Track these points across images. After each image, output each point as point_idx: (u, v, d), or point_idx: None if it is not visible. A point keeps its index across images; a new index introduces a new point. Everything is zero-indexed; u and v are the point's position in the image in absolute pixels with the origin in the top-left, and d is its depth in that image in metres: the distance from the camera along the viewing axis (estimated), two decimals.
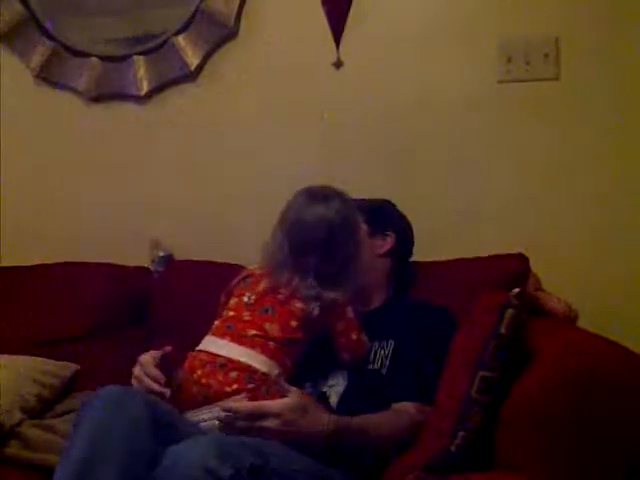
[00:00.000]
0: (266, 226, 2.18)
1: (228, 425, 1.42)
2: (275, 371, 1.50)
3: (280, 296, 1.59)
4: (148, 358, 1.56)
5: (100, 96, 2.31)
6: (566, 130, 2.03)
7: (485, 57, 2.06)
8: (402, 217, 1.87)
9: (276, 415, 1.40)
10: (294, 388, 1.47)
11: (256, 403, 1.42)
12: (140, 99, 2.28)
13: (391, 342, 1.63)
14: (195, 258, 2.18)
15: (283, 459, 1.34)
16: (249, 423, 1.41)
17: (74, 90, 2.32)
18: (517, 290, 1.44)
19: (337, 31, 2.10)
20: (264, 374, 1.50)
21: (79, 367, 1.97)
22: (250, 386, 1.48)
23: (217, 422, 1.44)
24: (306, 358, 1.59)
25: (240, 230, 2.21)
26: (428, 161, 2.10)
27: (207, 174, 2.26)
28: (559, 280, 1.91)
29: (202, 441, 1.29)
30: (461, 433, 1.37)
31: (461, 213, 2.08)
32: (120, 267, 2.17)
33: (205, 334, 1.95)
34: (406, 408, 1.52)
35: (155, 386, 1.51)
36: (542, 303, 1.78)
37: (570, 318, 1.77)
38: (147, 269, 2.20)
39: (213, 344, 1.59)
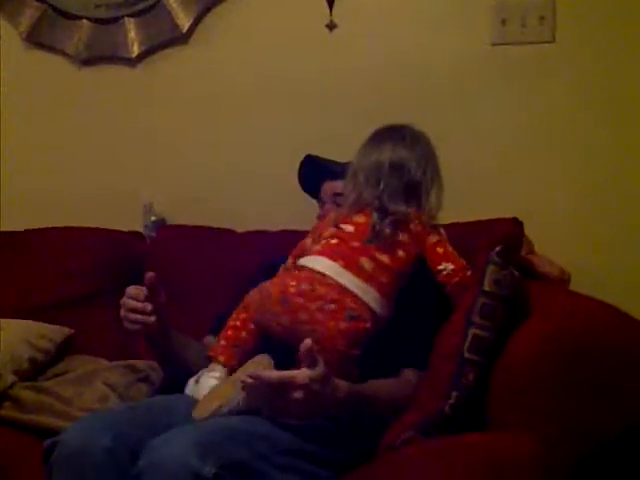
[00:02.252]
0: (259, 191, 2.19)
1: (252, 392, 1.36)
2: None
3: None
4: (132, 289, 1.53)
5: (90, 59, 2.28)
6: (561, 93, 2.01)
7: (479, 19, 2.04)
8: None
9: (302, 386, 1.33)
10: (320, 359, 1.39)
11: (282, 374, 1.33)
12: (131, 62, 2.25)
13: None
14: (188, 223, 2.17)
15: (271, 444, 1.31)
16: (274, 393, 1.34)
17: (64, 53, 2.29)
18: (498, 247, 1.44)
19: None
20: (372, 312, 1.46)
21: (72, 331, 1.97)
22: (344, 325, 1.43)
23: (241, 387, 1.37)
24: None
25: (233, 195, 2.20)
26: (422, 124, 2.06)
27: (200, 137, 2.25)
28: (552, 244, 1.91)
29: (182, 435, 1.25)
30: (455, 393, 1.37)
31: (454, 178, 2.06)
32: (113, 232, 2.16)
33: (197, 302, 1.97)
34: (408, 377, 1.52)
35: (137, 304, 1.49)
36: (535, 266, 1.79)
37: (563, 281, 1.78)
38: (140, 234, 2.19)
39: (325, 266, 1.50)
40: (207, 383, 1.47)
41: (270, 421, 1.36)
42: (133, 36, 2.23)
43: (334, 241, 1.54)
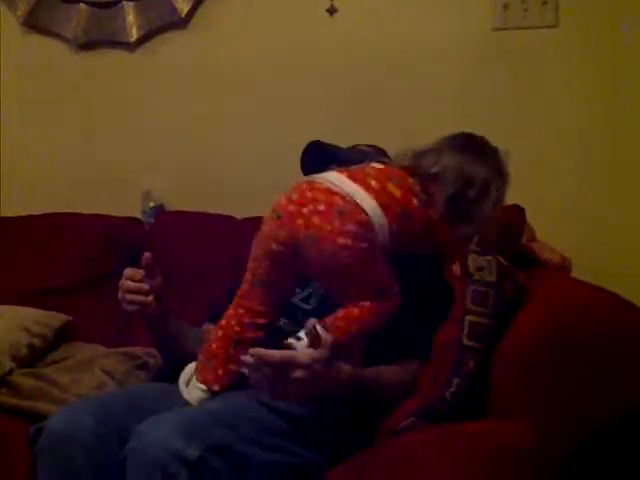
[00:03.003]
0: (259, 176, 2.18)
1: (255, 371, 1.32)
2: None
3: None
4: (129, 270, 1.53)
5: (89, 43, 2.27)
6: (565, 79, 2.00)
7: (480, 3, 2.02)
8: None
9: (305, 367, 1.31)
10: (329, 337, 1.37)
11: (286, 353, 1.31)
12: (130, 46, 2.24)
13: None
14: (186, 209, 2.16)
15: (259, 426, 1.30)
16: (276, 372, 1.31)
17: (62, 37, 2.28)
18: (475, 238, 1.45)
19: None
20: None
21: (70, 317, 1.97)
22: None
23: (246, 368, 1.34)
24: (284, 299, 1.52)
25: (231, 181, 2.19)
26: (423, 110, 2.07)
27: (199, 124, 2.23)
28: (553, 231, 1.90)
29: (168, 420, 1.24)
30: (456, 380, 1.37)
31: None
32: (111, 218, 2.16)
33: (195, 289, 1.95)
34: (411, 366, 1.51)
35: (134, 284, 1.49)
36: (536, 254, 1.78)
37: (564, 268, 1.77)
38: (138, 220, 2.19)
39: (320, 176, 1.44)
40: (196, 394, 1.44)
41: (268, 403, 1.35)
42: (132, 20, 2.22)
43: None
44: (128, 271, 1.52)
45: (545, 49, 2.00)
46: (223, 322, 1.47)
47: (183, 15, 2.18)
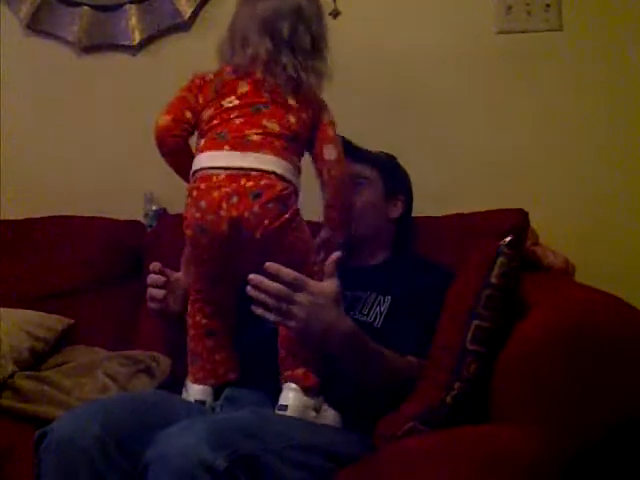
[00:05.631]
0: None
1: (260, 285, 1.35)
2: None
3: (267, 94, 1.44)
4: (152, 264, 1.55)
5: (91, 46, 2.26)
6: (568, 82, 1.99)
7: (484, 7, 2.02)
8: (408, 177, 1.84)
9: (311, 293, 1.35)
10: (335, 278, 1.41)
11: (299, 275, 1.35)
12: (132, 49, 2.23)
13: (388, 298, 1.61)
14: None
15: (284, 439, 1.29)
16: (284, 289, 1.34)
17: (64, 40, 2.27)
18: (508, 238, 1.42)
19: None
20: (291, 183, 1.40)
21: (73, 321, 1.96)
22: (286, 217, 1.38)
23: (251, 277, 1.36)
24: None
25: None
26: (425, 113, 2.07)
27: None
28: (556, 235, 1.90)
29: (195, 428, 1.22)
30: (457, 384, 1.37)
31: (459, 167, 2.06)
32: (113, 221, 2.15)
33: None
34: (410, 359, 1.51)
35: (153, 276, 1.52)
36: (539, 257, 1.78)
37: (567, 272, 1.77)
38: (140, 223, 2.18)
39: (213, 159, 1.41)
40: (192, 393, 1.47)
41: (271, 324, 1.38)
42: (134, 23, 2.21)
43: (216, 122, 1.44)
44: (151, 265, 1.54)
45: (548, 52, 2.00)
46: (189, 321, 1.50)
47: (186, 18, 2.18)
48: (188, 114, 1.50)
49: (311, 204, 1.82)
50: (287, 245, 1.40)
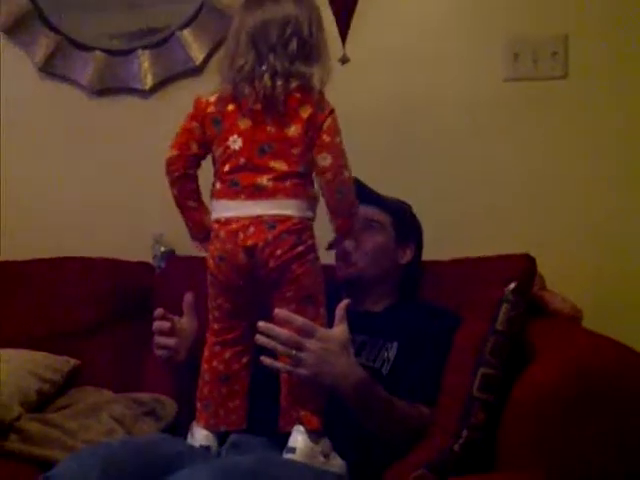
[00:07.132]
0: None
1: (270, 332, 1.36)
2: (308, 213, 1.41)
3: (270, 127, 1.43)
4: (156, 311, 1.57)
5: (104, 90, 2.29)
6: (574, 130, 2.01)
7: (491, 55, 2.05)
8: (420, 227, 1.86)
9: (321, 339, 1.35)
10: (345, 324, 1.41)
11: (308, 321, 1.36)
12: (144, 93, 2.27)
13: (395, 344, 1.61)
14: (198, 254, 2.15)
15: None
16: (293, 335, 1.35)
17: (78, 84, 2.31)
18: (513, 285, 1.43)
19: (343, 27, 2.08)
20: (307, 219, 1.42)
21: (79, 362, 1.96)
22: (300, 249, 1.39)
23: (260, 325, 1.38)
24: None
25: None
26: (433, 160, 2.09)
27: (210, 169, 2.24)
28: (564, 280, 1.90)
29: (202, 473, 1.23)
30: (465, 432, 1.36)
31: (467, 212, 2.07)
32: (121, 262, 2.16)
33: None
34: (421, 407, 1.50)
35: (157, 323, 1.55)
36: (547, 303, 1.76)
37: (575, 318, 1.76)
38: (149, 265, 2.19)
39: (229, 209, 1.46)
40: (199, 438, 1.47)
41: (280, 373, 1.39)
42: (147, 68, 2.25)
43: (227, 168, 1.48)
44: (155, 312, 1.56)
45: (555, 100, 2.02)
46: (205, 366, 1.49)
47: (197, 63, 2.21)
48: (194, 147, 1.53)
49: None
50: (298, 278, 1.40)
